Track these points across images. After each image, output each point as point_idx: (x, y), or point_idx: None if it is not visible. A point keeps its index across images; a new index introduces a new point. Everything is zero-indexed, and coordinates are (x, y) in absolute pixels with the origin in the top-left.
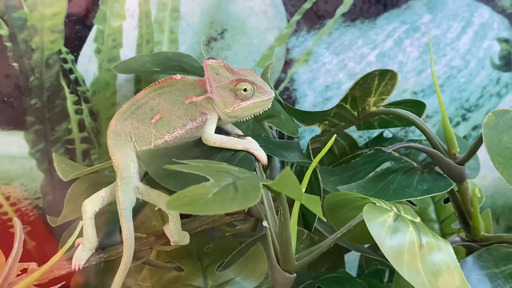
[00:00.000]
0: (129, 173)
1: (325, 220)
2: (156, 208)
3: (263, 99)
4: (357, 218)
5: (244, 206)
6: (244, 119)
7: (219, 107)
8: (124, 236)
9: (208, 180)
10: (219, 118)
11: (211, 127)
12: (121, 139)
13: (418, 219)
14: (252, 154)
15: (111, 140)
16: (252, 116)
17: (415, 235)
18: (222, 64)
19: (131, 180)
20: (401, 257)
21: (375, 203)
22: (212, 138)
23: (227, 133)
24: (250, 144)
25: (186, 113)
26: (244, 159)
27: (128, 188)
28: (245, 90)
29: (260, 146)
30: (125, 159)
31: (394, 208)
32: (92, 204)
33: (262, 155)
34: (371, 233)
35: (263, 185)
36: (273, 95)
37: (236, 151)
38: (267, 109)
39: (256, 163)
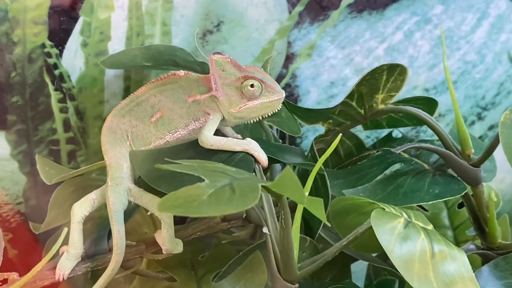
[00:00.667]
0: (121, 173)
1: (329, 225)
2: (148, 213)
3: (272, 99)
4: (364, 225)
5: (241, 207)
6: (250, 121)
7: (224, 106)
8: (114, 240)
9: (203, 180)
10: (223, 119)
11: (210, 128)
12: (116, 136)
13: (430, 226)
14: (251, 155)
15: (105, 137)
16: (260, 118)
17: (427, 243)
18: (229, 59)
19: (122, 180)
20: (411, 266)
21: (384, 209)
22: (209, 141)
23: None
24: (250, 145)
25: (188, 112)
26: (242, 160)
27: (119, 189)
28: (252, 88)
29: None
30: (118, 158)
31: (404, 214)
32: (82, 207)
33: (262, 156)
34: (379, 240)
35: (262, 186)
36: (283, 95)
37: (234, 152)
38: (276, 111)
39: (256, 165)
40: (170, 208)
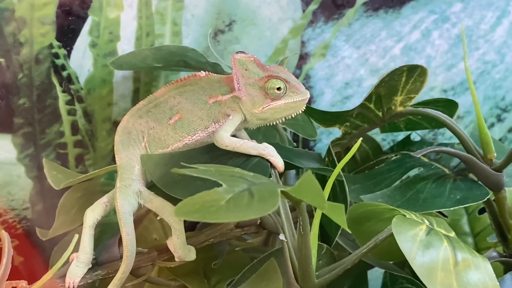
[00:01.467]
0: (131, 175)
1: (349, 231)
2: (158, 218)
3: (296, 99)
4: (385, 232)
5: (260, 213)
6: (273, 123)
7: (246, 107)
8: (124, 242)
9: (219, 186)
10: (245, 121)
11: (228, 129)
12: (130, 137)
13: (452, 234)
14: (267, 160)
15: (119, 137)
16: (283, 119)
17: (450, 251)
18: (252, 58)
19: (132, 182)
20: (434, 275)
21: (405, 215)
22: (225, 141)
23: None
24: (266, 150)
25: (209, 114)
26: (258, 165)
27: (128, 191)
28: (277, 88)
29: None
30: (130, 159)
31: (426, 221)
32: (95, 212)
33: (279, 162)
34: (401, 247)
35: (281, 192)
36: (308, 96)
37: (249, 157)
38: (300, 112)
39: (272, 170)
40: (187, 214)
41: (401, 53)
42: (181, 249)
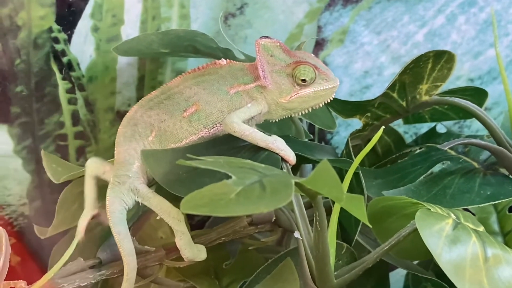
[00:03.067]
0: (127, 171)
1: (370, 226)
2: (157, 217)
3: (325, 87)
4: (408, 227)
5: (273, 206)
6: (299, 114)
7: (273, 96)
8: (117, 242)
9: (230, 178)
10: (268, 112)
11: (241, 115)
12: (137, 129)
13: (481, 228)
14: (277, 154)
15: (123, 128)
16: (309, 110)
17: (479, 246)
18: (278, 44)
19: (127, 180)
20: (462, 272)
21: (430, 209)
22: (234, 126)
23: None
24: (275, 143)
25: (230, 105)
26: (268, 158)
27: (121, 188)
28: (305, 75)
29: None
30: (129, 154)
31: (452, 215)
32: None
33: (289, 154)
34: (426, 243)
35: (295, 184)
36: (338, 83)
37: (258, 150)
38: (328, 101)
39: (284, 164)
40: (194, 208)
41: (425, 39)
42: (187, 249)
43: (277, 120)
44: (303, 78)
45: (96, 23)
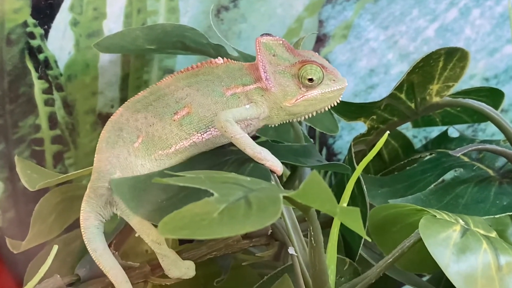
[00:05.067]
0: (105, 182)
1: (369, 239)
2: (136, 235)
3: (333, 88)
4: (412, 237)
5: (260, 225)
6: (302, 118)
7: (276, 99)
8: (95, 261)
9: (212, 195)
10: (268, 116)
11: (236, 114)
12: (121, 135)
13: (493, 234)
14: (263, 164)
15: (107, 133)
16: (314, 114)
17: (491, 254)
18: (281, 42)
19: (105, 192)
20: (474, 283)
21: (436, 216)
22: (227, 125)
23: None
24: (262, 154)
25: (225, 108)
26: (255, 170)
27: (98, 202)
28: (312, 75)
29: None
30: (110, 163)
31: (460, 221)
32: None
33: (276, 164)
34: (431, 253)
35: (284, 198)
36: (346, 84)
37: (244, 162)
38: (335, 104)
39: (272, 176)
40: (173, 230)
41: (436, 34)
42: (172, 269)
43: (276, 125)
44: (310, 77)
45: (75, 17)
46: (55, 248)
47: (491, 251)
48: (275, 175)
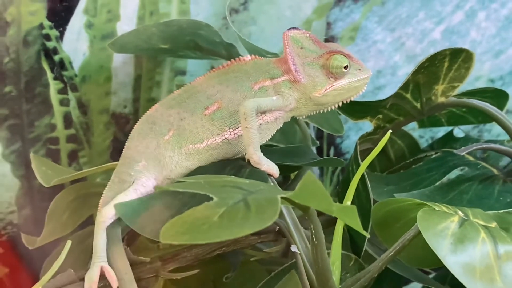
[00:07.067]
0: (129, 168)
1: (367, 235)
2: None
3: (360, 77)
4: (412, 230)
5: (258, 226)
6: (328, 109)
7: (306, 90)
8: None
9: (212, 199)
10: (296, 107)
11: (263, 104)
12: (153, 128)
13: (493, 224)
14: (259, 168)
15: (140, 125)
16: (340, 104)
17: (489, 243)
18: (307, 35)
19: (128, 178)
20: (472, 271)
21: (435, 208)
22: (250, 114)
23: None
24: (259, 158)
25: None
26: (252, 174)
27: (120, 187)
28: (342, 65)
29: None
30: (138, 151)
31: (459, 212)
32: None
33: (272, 167)
34: (429, 244)
35: (282, 198)
36: (371, 73)
37: (242, 167)
38: (360, 93)
39: (269, 178)
40: (175, 236)
41: (442, 37)
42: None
43: (304, 116)
44: (339, 66)
45: (90, 19)
46: (69, 243)
47: (489, 240)
48: (273, 177)
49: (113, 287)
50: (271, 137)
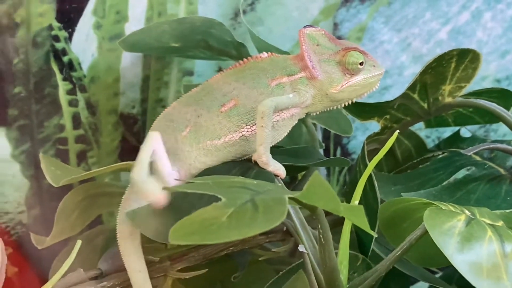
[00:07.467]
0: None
1: (375, 235)
2: None
3: (375, 73)
4: (419, 229)
5: (266, 226)
6: (342, 105)
7: (323, 86)
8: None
9: (220, 200)
10: (312, 104)
11: (280, 102)
12: (171, 124)
13: (500, 223)
14: (266, 169)
15: (158, 122)
16: (353, 100)
17: (496, 242)
18: (323, 32)
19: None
20: (479, 270)
21: (442, 207)
22: (267, 113)
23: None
24: (269, 160)
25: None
26: (259, 175)
27: None
28: (358, 62)
29: None
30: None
31: (466, 211)
32: None
33: (279, 168)
34: (436, 243)
35: (290, 198)
36: (384, 69)
37: (249, 168)
38: (374, 89)
39: (276, 179)
40: (184, 237)
41: (448, 37)
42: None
43: (318, 112)
44: (356, 62)
45: (98, 20)
46: (79, 242)
47: (496, 239)
48: (280, 178)
49: None
50: (287, 133)
